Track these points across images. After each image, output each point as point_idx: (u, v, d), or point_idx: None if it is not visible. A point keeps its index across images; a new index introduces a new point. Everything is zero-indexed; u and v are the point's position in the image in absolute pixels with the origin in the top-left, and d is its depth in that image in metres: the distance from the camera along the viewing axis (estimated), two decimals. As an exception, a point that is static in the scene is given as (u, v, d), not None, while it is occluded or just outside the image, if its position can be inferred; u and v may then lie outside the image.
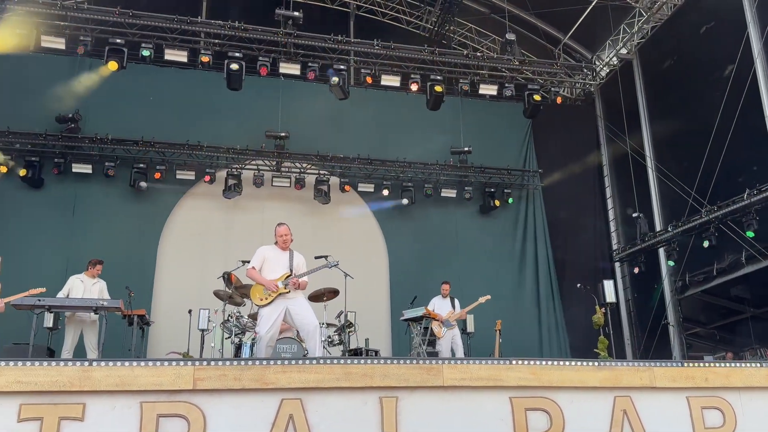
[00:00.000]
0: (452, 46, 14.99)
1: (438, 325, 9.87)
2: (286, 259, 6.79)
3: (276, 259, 6.76)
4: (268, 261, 6.74)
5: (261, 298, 6.61)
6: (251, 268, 6.73)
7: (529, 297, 13.40)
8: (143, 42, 11.32)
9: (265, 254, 6.80)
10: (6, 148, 11.68)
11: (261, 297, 6.61)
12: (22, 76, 12.02)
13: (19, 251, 10.93)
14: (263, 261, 6.75)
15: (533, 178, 14.32)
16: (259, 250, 6.84)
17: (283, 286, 6.62)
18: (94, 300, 8.40)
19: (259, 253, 6.80)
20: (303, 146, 13.06)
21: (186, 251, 12.27)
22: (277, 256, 6.79)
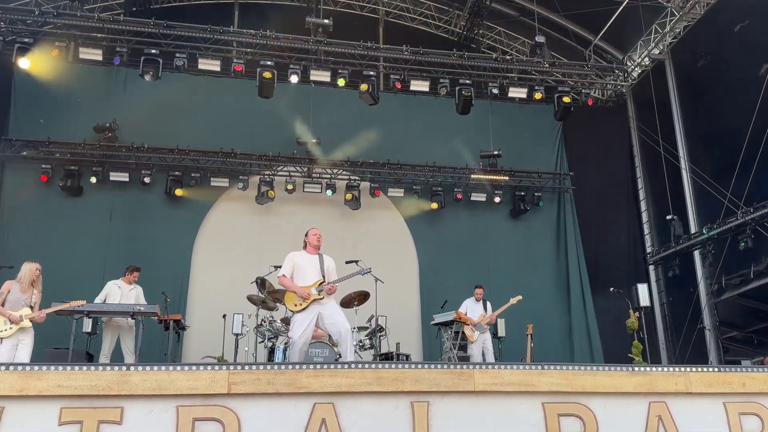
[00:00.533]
0: (481, 50, 14.95)
1: (470, 329, 9.82)
2: (317, 264, 6.80)
3: (306, 265, 6.77)
4: (298, 267, 6.76)
5: (296, 304, 6.63)
6: (282, 276, 6.77)
7: (561, 301, 13.24)
8: (177, 52, 11.52)
9: (295, 261, 6.82)
10: (46, 157, 11.98)
11: (295, 303, 6.64)
12: (60, 87, 12.30)
13: (58, 257, 11.21)
14: (294, 268, 6.78)
15: (564, 180, 14.16)
16: (288, 257, 6.85)
17: (317, 293, 6.66)
18: (131, 305, 8.56)
19: (288, 260, 6.82)
20: (333, 152, 13.13)
21: (220, 256, 12.43)
22: (307, 262, 6.81)
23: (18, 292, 7.17)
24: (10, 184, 11.95)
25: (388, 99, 13.02)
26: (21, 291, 7.19)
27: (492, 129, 13.61)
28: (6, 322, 7.03)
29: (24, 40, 10.82)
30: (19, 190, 11.93)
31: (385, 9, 14.99)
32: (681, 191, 13.24)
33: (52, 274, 9.43)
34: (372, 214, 13.30)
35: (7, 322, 7.03)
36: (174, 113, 12.70)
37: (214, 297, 11.69)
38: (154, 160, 12.46)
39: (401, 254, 13.16)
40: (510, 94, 12.91)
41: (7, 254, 11.02)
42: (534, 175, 13.91)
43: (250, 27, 12.05)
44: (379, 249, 12.47)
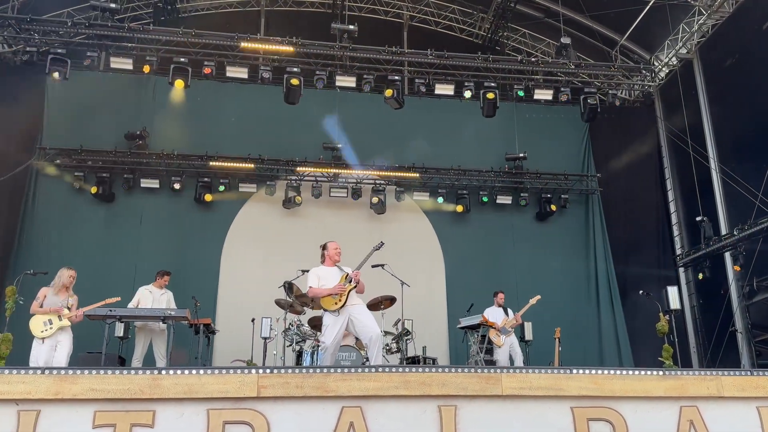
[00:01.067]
0: (506, 52, 14.88)
1: (496, 334, 9.77)
2: (338, 272, 6.91)
3: (329, 276, 6.87)
4: (323, 278, 6.85)
5: (335, 302, 6.69)
6: (310, 288, 6.85)
7: (590, 304, 13.10)
8: (206, 60, 11.67)
9: (318, 273, 6.93)
10: (79, 165, 12.22)
11: (334, 302, 6.70)
12: (92, 96, 12.58)
13: (91, 263, 11.44)
14: (318, 279, 6.87)
15: (591, 182, 14.02)
16: (311, 271, 6.98)
17: (349, 283, 6.72)
18: (162, 310, 8.68)
19: (313, 274, 6.95)
20: (359, 156, 13.17)
21: (248, 261, 12.54)
22: (330, 274, 6.91)
23: (53, 296, 7.43)
24: (44, 191, 12.20)
25: (413, 102, 13.02)
26: (56, 295, 7.44)
27: (517, 131, 13.55)
28: (46, 323, 7.30)
29: (57, 50, 11.03)
30: (52, 197, 12.18)
31: (409, 14, 15.01)
32: (711, 192, 13.00)
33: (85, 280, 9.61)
34: (398, 217, 13.32)
35: (47, 323, 7.31)
36: (202, 120, 12.88)
37: (243, 301, 11.80)
38: (184, 167, 12.63)
39: (428, 258, 13.14)
40: (536, 96, 12.83)
41: (42, 261, 11.26)
42: (560, 177, 13.79)
43: (277, 34, 12.14)
44: (406, 252, 12.43)
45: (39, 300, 7.46)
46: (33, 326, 7.35)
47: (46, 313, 7.37)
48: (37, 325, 7.36)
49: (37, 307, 7.44)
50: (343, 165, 13.10)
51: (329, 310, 6.74)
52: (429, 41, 13.42)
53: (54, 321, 7.40)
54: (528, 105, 13.60)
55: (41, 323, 7.34)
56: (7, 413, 4.45)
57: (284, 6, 14.61)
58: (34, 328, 7.34)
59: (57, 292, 7.55)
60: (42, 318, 7.36)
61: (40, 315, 7.39)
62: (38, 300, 7.46)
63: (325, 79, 11.96)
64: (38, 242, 11.79)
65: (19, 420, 4.44)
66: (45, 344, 7.28)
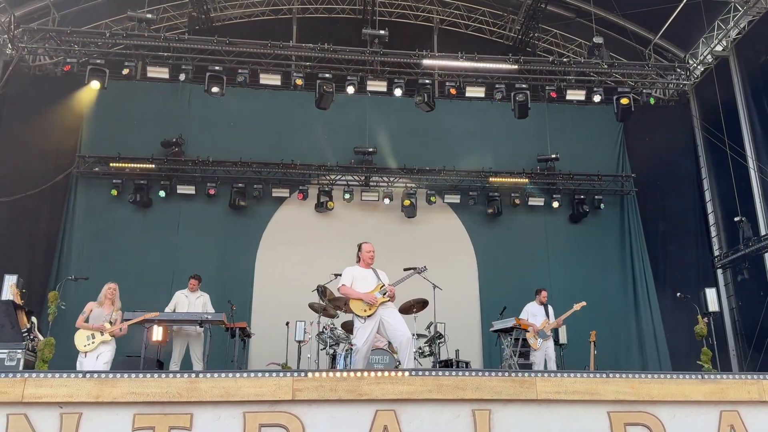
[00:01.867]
0: (537, 53, 14.74)
1: (533, 336, 9.63)
2: (373, 276, 6.91)
3: (364, 277, 6.88)
4: (357, 279, 6.86)
5: (364, 309, 6.71)
6: (342, 285, 6.86)
7: (626, 307, 12.90)
8: (239, 68, 11.81)
9: (353, 273, 6.93)
10: (117, 173, 12.48)
11: (364, 308, 6.71)
12: (129, 104, 12.86)
13: (130, 268, 11.69)
14: (353, 279, 6.88)
15: (626, 183, 13.81)
16: (345, 270, 6.98)
17: (382, 296, 6.71)
18: (199, 314, 8.80)
19: (347, 273, 6.95)
20: (390, 160, 13.21)
21: (281, 265, 12.64)
22: (364, 275, 6.92)
23: (98, 310, 7.75)
24: (84, 199, 12.50)
25: (443, 105, 13.00)
26: (100, 308, 7.76)
27: (549, 132, 13.42)
28: (89, 337, 7.61)
29: (96, 61, 11.27)
30: (92, 204, 12.47)
31: (439, 17, 14.99)
32: (749, 191, 12.68)
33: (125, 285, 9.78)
34: (430, 220, 13.31)
35: (89, 337, 7.61)
36: (236, 127, 13.06)
37: (278, 305, 11.89)
38: (218, 173, 12.81)
39: (460, 260, 13.10)
40: (568, 97, 12.68)
41: (83, 267, 11.57)
42: (594, 177, 13.60)
43: (308, 41, 12.23)
44: (438, 255, 12.41)
45: (85, 314, 7.79)
46: (77, 340, 7.66)
47: (89, 329, 7.67)
48: (81, 339, 7.67)
49: (82, 321, 7.74)
50: (374, 169, 13.12)
51: (358, 314, 6.75)
52: (459, 44, 13.38)
53: (96, 335, 7.68)
54: (560, 105, 13.45)
55: (84, 338, 7.66)
56: (50, 416, 4.56)
57: (315, 13, 14.72)
58: (78, 343, 7.65)
59: (101, 305, 7.86)
60: (85, 333, 7.68)
61: (84, 330, 7.69)
62: (84, 314, 7.79)
63: (356, 84, 12.01)
64: (79, 249, 12.09)
65: (62, 422, 4.54)
66: (88, 357, 7.58)
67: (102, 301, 7.85)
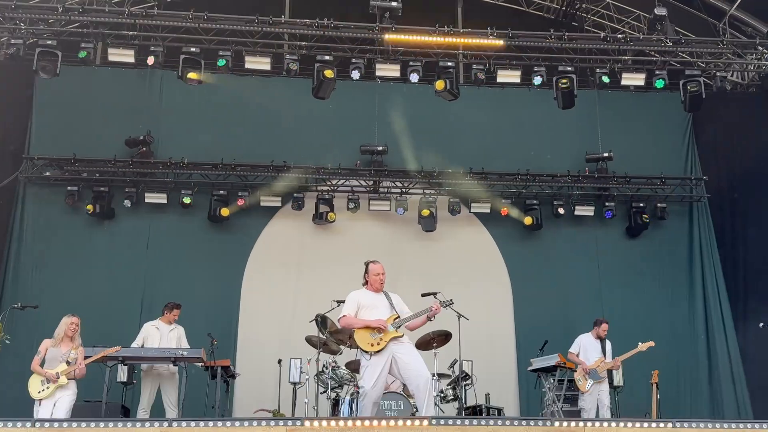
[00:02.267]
0: (585, 29, 14.81)
1: (583, 376, 9.66)
2: (384, 302, 6.94)
3: (372, 304, 6.91)
4: (364, 308, 6.90)
5: (371, 343, 6.69)
6: (344, 315, 6.91)
7: (695, 341, 12.91)
8: (221, 49, 11.93)
9: (359, 300, 6.96)
10: (73, 178, 12.65)
11: (371, 342, 6.69)
12: (87, 95, 13.04)
13: (89, 293, 11.87)
14: (358, 307, 6.91)
15: (696, 187, 13.83)
16: (350, 296, 7.03)
17: (395, 329, 6.74)
18: (172, 350, 8.91)
19: (351, 299, 6.97)
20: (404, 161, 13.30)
21: (273, 291, 12.78)
22: (373, 301, 6.95)
23: (54, 349, 7.93)
24: (33, 209, 12.68)
25: (470, 93, 13.08)
26: (56, 347, 7.94)
27: (600, 125, 13.46)
28: (43, 382, 7.80)
29: (46, 42, 11.40)
30: (43, 216, 12.64)
31: (464, -15, 15.09)
32: None
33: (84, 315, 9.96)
34: (453, 234, 13.37)
35: (44, 382, 7.80)
36: (218, 122, 13.20)
37: (268, 339, 12.03)
38: (195, 178, 12.97)
39: (491, 284, 13.16)
40: (623, 82, 12.70)
41: (32, 291, 11.74)
42: (656, 181, 13.64)
43: (304, 16, 12.35)
44: (463, 278, 12.48)
45: (40, 355, 8.00)
46: (31, 386, 7.86)
47: (41, 374, 7.85)
48: (35, 385, 7.86)
49: (36, 364, 7.93)
50: (385, 172, 13.22)
51: (363, 350, 6.75)
52: (489, 18, 13.45)
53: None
54: (614, 93, 13.50)
55: (38, 383, 7.85)
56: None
57: (313, -19, 14.86)
58: (32, 389, 7.84)
59: (58, 343, 8.04)
60: (39, 378, 7.86)
61: (38, 374, 7.88)
62: (39, 355, 7.99)
63: (362, 68, 12.11)
64: (28, 270, 12.25)
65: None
66: (43, 405, 7.76)
67: (60, 338, 8.03)
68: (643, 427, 5.10)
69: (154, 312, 10.02)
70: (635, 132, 13.91)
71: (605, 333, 10.06)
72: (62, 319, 8.16)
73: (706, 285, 13.21)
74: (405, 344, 6.85)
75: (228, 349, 11.54)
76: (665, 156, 13.95)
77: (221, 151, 12.97)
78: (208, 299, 12.29)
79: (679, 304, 13.18)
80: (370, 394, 6.63)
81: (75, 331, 8.10)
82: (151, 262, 12.57)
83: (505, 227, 13.49)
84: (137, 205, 12.73)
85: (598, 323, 10.15)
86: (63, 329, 8.05)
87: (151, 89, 13.23)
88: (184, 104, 13.04)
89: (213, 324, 11.01)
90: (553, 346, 10.00)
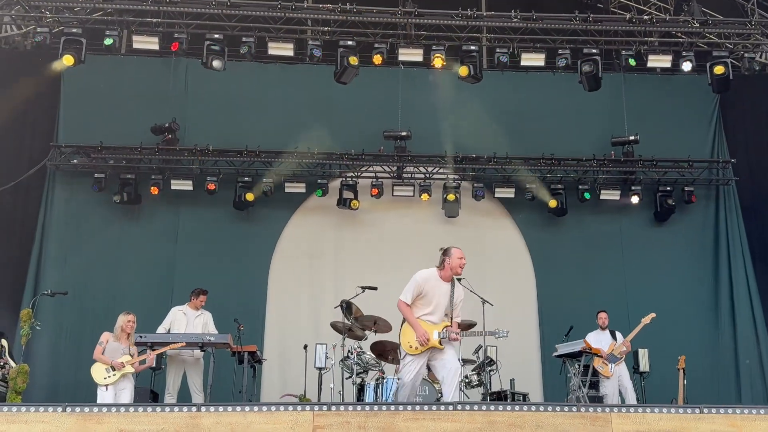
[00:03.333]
0: (611, 10, 14.60)
1: (602, 363, 9.65)
2: (447, 296, 6.71)
3: (434, 294, 6.67)
4: (426, 296, 6.65)
5: (411, 345, 6.59)
6: (402, 301, 6.68)
7: (723, 327, 12.75)
8: (244, 35, 11.92)
9: (424, 287, 6.67)
10: (100, 165, 12.72)
11: (411, 344, 6.59)
12: (113, 83, 13.11)
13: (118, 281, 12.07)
14: (420, 293, 6.66)
15: (724, 171, 13.63)
16: (416, 277, 6.71)
17: (437, 341, 6.59)
18: (199, 335, 8.96)
19: (415, 283, 6.68)
20: (428, 146, 13.27)
21: (300, 276, 12.83)
22: (437, 290, 6.70)
23: (114, 342, 8.29)
24: (62, 197, 12.79)
25: (493, 77, 12.97)
26: (116, 340, 8.32)
27: (626, 108, 13.29)
28: (108, 369, 8.11)
29: (71, 30, 11.47)
30: (71, 204, 12.76)
31: (487, -32, 14.95)
32: None
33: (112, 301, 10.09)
34: (477, 220, 13.33)
35: (109, 369, 8.11)
36: (242, 109, 13.21)
37: (294, 325, 12.07)
38: (221, 165, 13.00)
39: (514, 270, 13.13)
40: (650, 64, 12.52)
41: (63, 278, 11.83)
42: (683, 164, 13.45)
43: (327, 1, 12.30)
44: (487, 263, 12.43)
45: (102, 345, 8.27)
46: (95, 374, 8.15)
47: (107, 363, 8.16)
48: (100, 372, 8.13)
49: (99, 353, 8.22)
50: (409, 158, 13.17)
51: (402, 345, 6.66)
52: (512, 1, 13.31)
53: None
54: (640, 75, 13.37)
55: (103, 370, 8.14)
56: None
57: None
58: (96, 376, 8.13)
59: (117, 338, 8.36)
60: (104, 366, 8.17)
61: (102, 362, 8.19)
62: (101, 344, 8.27)
63: (385, 53, 12.04)
64: (57, 257, 12.36)
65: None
66: (109, 391, 8.07)
67: (118, 334, 8.35)
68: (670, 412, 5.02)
69: (183, 298, 10.06)
70: (662, 115, 13.74)
71: (606, 321, 10.20)
72: (120, 316, 8.46)
73: (733, 269, 13.05)
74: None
75: (255, 335, 11.59)
76: (692, 139, 13.76)
77: (246, 138, 12.99)
78: (235, 285, 12.35)
79: (705, 289, 13.05)
80: (407, 386, 6.62)
81: (132, 328, 8.41)
82: (179, 248, 12.64)
83: (528, 213, 13.43)
84: (164, 193, 12.79)
85: (597, 315, 10.30)
86: (121, 325, 8.37)
87: (176, 77, 13.26)
88: (209, 91, 13.05)
89: (240, 310, 11.07)
90: (578, 332, 9.94)
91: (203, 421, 4.82)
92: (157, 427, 4.79)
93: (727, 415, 5.01)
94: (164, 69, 13.19)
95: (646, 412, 5.01)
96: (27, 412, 4.91)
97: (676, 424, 4.94)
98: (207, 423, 4.81)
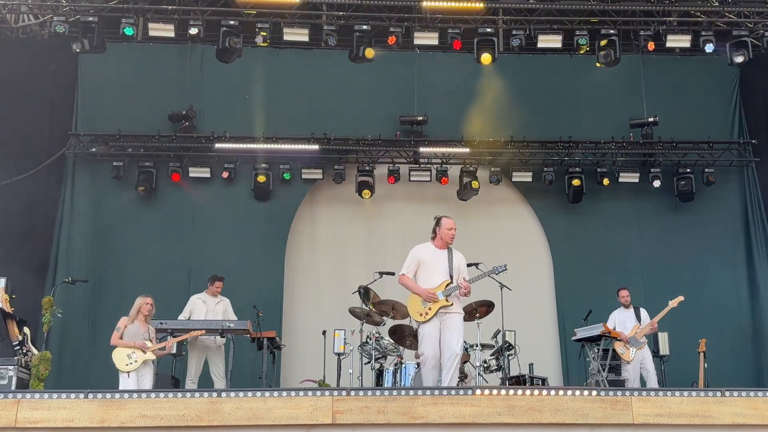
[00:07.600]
0: (629, -11, 14.43)
1: (624, 346, 9.59)
2: (445, 261, 6.85)
3: (433, 262, 6.85)
4: (424, 265, 6.84)
5: (421, 312, 6.71)
6: (402, 274, 6.88)
7: (744, 310, 12.67)
8: (259, 21, 11.88)
9: (420, 257, 6.90)
10: (118, 153, 12.79)
11: (420, 312, 6.71)
12: (129, 71, 13.13)
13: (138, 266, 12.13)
14: (418, 265, 6.87)
15: (744, 151, 13.48)
16: (412, 251, 6.96)
17: (444, 297, 6.71)
18: (219, 322, 9.02)
19: (412, 256, 6.92)
20: (444, 131, 13.21)
21: (316, 262, 12.88)
22: (434, 258, 6.88)
23: (133, 326, 8.32)
24: (82, 185, 12.84)
25: (509, 60, 12.88)
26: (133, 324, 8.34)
27: (645, 90, 13.17)
28: (130, 355, 8.14)
29: (88, 19, 11.49)
30: (92, 191, 12.82)
31: (502, -51, 14.79)
32: None
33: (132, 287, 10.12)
34: (493, 204, 13.32)
35: (131, 355, 8.14)
36: (258, 95, 13.18)
37: (313, 310, 12.12)
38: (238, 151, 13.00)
39: (532, 254, 13.11)
40: (668, 44, 12.35)
41: (82, 267, 11.92)
42: (703, 146, 13.31)
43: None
44: (504, 248, 12.37)
45: (120, 330, 8.30)
46: (117, 360, 8.17)
47: (130, 346, 8.17)
48: (121, 358, 8.16)
49: (117, 338, 8.25)
50: (425, 142, 13.13)
51: (413, 317, 6.78)
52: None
53: (137, 354, 8.19)
54: (659, 56, 13.19)
55: (125, 356, 8.15)
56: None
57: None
58: (118, 362, 8.16)
59: (133, 320, 8.39)
60: (125, 351, 8.18)
61: (123, 348, 8.19)
62: (119, 330, 8.30)
63: (400, 36, 11.98)
64: (78, 245, 12.42)
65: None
66: (131, 378, 8.11)
67: (134, 316, 8.36)
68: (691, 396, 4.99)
69: (202, 284, 10.11)
70: (681, 96, 13.58)
71: (628, 299, 10.05)
72: (137, 299, 8.48)
73: (753, 252, 12.94)
74: (452, 315, 6.78)
75: (274, 321, 11.63)
76: (712, 120, 13.61)
77: (262, 124, 12.98)
78: (253, 271, 12.36)
79: (725, 272, 12.94)
80: (429, 360, 6.66)
81: (150, 311, 8.44)
82: (197, 235, 12.68)
83: (545, 197, 13.36)
84: (181, 180, 12.82)
85: (617, 293, 10.13)
86: (138, 308, 8.39)
87: (192, 64, 13.25)
88: (225, 78, 13.03)
89: (259, 296, 11.14)
90: (597, 316, 9.89)
91: (224, 407, 4.85)
92: (179, 412, 4.82)
93: (749, 398, 4.97)
94: (180, 57, 13.18)
95: (666, 396, 4.98)
96: (50, 399, 4.96)
97: (697, 407, 4.92)
98: (227, 408, 4.84)
